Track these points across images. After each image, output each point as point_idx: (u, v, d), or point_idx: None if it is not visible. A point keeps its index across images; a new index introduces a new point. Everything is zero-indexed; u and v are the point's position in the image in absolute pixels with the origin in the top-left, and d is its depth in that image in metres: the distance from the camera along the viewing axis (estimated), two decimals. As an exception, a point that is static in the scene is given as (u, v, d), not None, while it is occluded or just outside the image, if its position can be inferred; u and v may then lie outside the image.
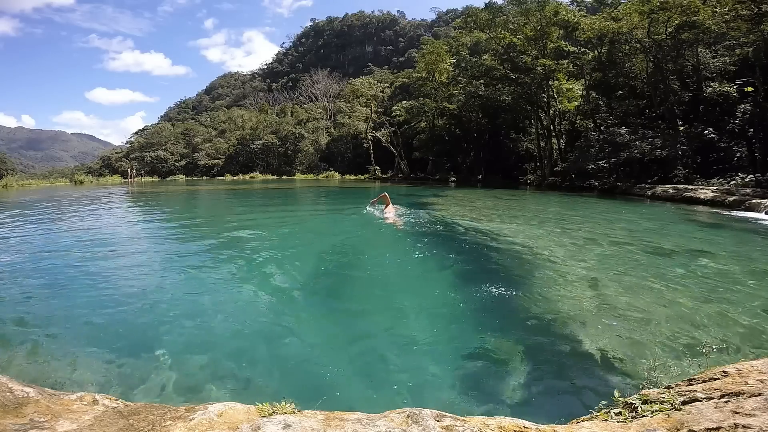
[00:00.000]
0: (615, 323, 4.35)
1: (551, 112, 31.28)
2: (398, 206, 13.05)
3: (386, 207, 12.07)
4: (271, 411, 1.82)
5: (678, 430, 1.56)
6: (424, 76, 40.82)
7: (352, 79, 59.05)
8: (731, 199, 15.15)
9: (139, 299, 5.13)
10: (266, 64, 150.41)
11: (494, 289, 5.80)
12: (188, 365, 3.57)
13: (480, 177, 37.22)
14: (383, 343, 4.06)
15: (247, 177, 48.36)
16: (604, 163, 23.66)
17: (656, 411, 1.78)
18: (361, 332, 4.34)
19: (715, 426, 1.48)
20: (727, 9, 20.24)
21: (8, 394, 2.07)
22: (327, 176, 49.15)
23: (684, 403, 1.78)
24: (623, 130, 24.05)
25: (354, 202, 18.94)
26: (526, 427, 1.72)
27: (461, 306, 5.05)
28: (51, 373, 3.42)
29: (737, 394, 1.68)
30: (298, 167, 54.49)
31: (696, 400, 1.77)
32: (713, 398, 1.73)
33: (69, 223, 11.49)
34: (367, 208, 13.00)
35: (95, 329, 4.27)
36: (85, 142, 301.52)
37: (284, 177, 50.03)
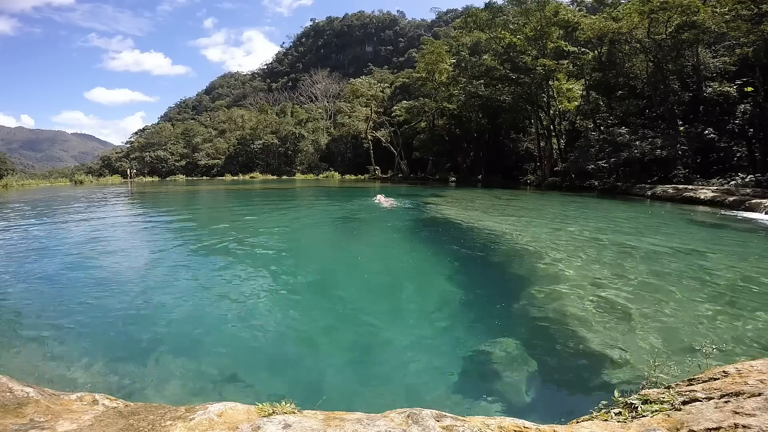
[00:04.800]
0: (615, 323, 4.35)
1: (551, 112, 31.26)
2: (390, 198, 18.15)
3: (382, 197, 17.56)
4: (271, 411, 1.82)
5: (678, 430, 1.56)
6: (424, 76, 40.77)
7: (352, 79, 58.99)
8: (731, 199, 15.15)
9: (139, 299, 5.13)
10: (266, 64, 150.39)
11: (493, 288, 5.81)
12: (188, 365, 3.57)
13: (480, 177, 37.21)
14: (383, 343, 4.06)
15: (247, 177, 48.32)
16: (604, 163, 23.65)
17: (656, 411, 1.78)
18: (361, 332, 4.34)
19: (715, 426, 1.48)
20: (727, 9, 20.23)
21: (8, 394, 2.07)
22: (327, 176, 49.13)
23: (684, 403, 1.78)
24: (623, 130, 24.05)
25: (355, 202, 18.94)
26: (526, 427, 1.72)
27: (460, 305, 5.05)
28: (51, 373, 3.42)
29: (737, 394, 1.68)
30: (298, 167, 54.47)
31: (696, 400, 1.77)
32: (713, 398, 1.73)
33: (69, 224, 11.49)
34: (376, 199, 17.76)
35: (96, 329, 4.27)
36: (84, 142, 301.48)
37: (284, 177, 50.03)
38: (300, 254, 8.12)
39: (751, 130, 20.54)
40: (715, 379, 1.91)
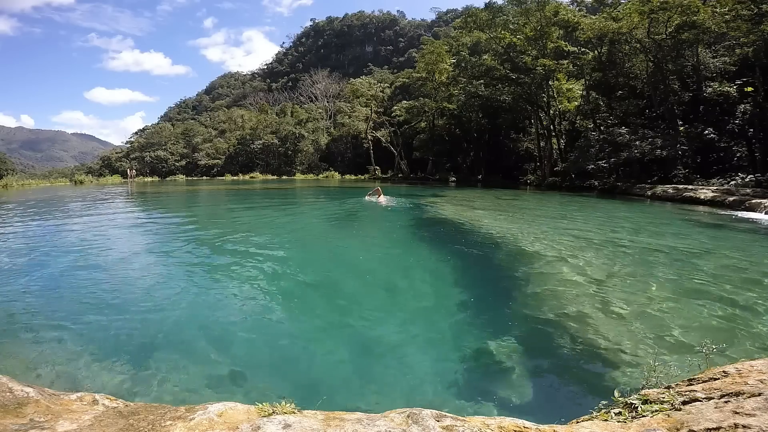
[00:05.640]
0: (615, 323, 4.35)
1: (551, 112, 31.27)
2: (388, 196, 18.11)
3: (379, 196, 17.27)
4: (271, 411, 1.82)
5: (678, 430, 1.56)
6: (424, 76, 40.78)
7: (352, 79, 58.93)
8: (731, 199, 15.15)
9: (139, 299, 5.13)
10: (266, 64, 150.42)
11: (494, 288, 5.81)
12: (188, 365, 3.57)
13: (480, 177, 37.22)
14: (383, 343, 4.06)
15: (247, 177, 48.28)
16: (604, 163, 23.66)
17: (656, 411, 1.78)
18: (361, 331, 4.34)
19: (715, 426, 1.48)
20: (727, 9, 20.23)
21: (8, 394, 2.07)
22: (327, 176, 49.10)
23: (684, 403, 1.78)
24: (623, 130, 24.05)
25: (355, 202, 18.95)
26: (526, 427, 1.72)
27: (460, 304, 5.05)
28: (51, 373, 3.42)
29: (737, 394, 1.68)
30: (298, 167, 54.43)
31: (696, 400, 1.77)
32: (713, 398, 1.73)
33: (69, 224, 11.49)
34: (366, 198, 17.76)
35: (96, 329, 4.27)
36: (84, 142, 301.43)
37: (284, 177, 50.00)
38: (300, 254, 8.12)
39: (751, 130, 20.54)
40: (715, 379, 1.91)
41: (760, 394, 1.62)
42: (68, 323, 4.37)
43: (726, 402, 1.65)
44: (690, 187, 18.21)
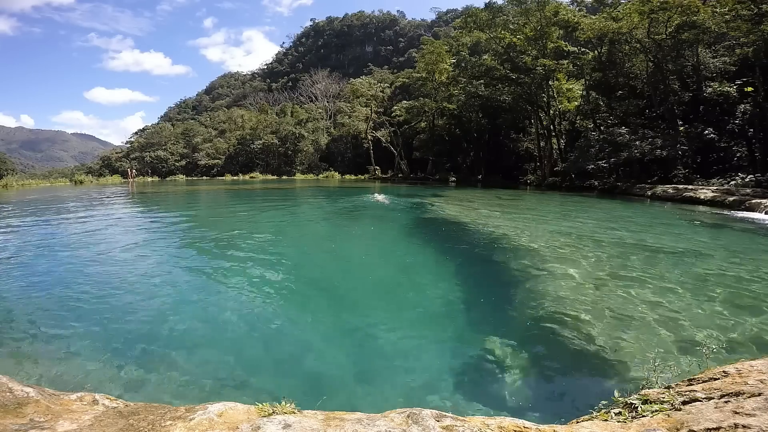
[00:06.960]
0: (615, 323, 4.35)
1: (551, 112, 31.27)
2: (387, 195, 20.92)
3: (377, 195, 20.63)
4: (271, 411, 1.82)
5: (678, 430, 1.56)
6: (424, 76, 40.81)
7: (352, 79, 58.92)
8: (731, 199, 15.15)
9: (139, 300, 5.13)
10: (266, 64, 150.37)
11: (494, 288, 5.81)
12: (188, 365, 3.57)
13: (480, 177, 37.22)
14: (383, 343, 4.06)
15: (247, 177, 48.30)
16: (604, 163, 23.65)
17: (656, 411, 1.78)
18: (361, 331, 4.34)
19: (715, 426, 1.48)
20: (727, 9, 20.23)
21: (8, 394, 2.07)
22: (327, 176, 49.11)
23: (684, 403, 1.78)
24: (623, 130, 24.04)
25: (355, 202, 18.94)
26: (526, 427, 1.72)
27: (460, 304, 5.05)
28: (51, 373, 3.42)
29: (737, 394, 1.68)
30: (298, 167, 54.45)
31: (696, 400, 1.77)
32: (713, 398, 1.73)
33: (68, 223, 11.49)
34: (374, 196, 20.80)
35: (95, 329, 4.27)
36: (84, 142, 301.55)
37: (284, 177, 50.01)
38: (301, 253, 8.12)
39: (751, 130, 20.54)
40: (715, 379, 1.91)
41: (760, 394, 1.62)
42: (68, 323, 4.37)
43: (726, 402, 1.65)
44: (690, 187, 18.20)
